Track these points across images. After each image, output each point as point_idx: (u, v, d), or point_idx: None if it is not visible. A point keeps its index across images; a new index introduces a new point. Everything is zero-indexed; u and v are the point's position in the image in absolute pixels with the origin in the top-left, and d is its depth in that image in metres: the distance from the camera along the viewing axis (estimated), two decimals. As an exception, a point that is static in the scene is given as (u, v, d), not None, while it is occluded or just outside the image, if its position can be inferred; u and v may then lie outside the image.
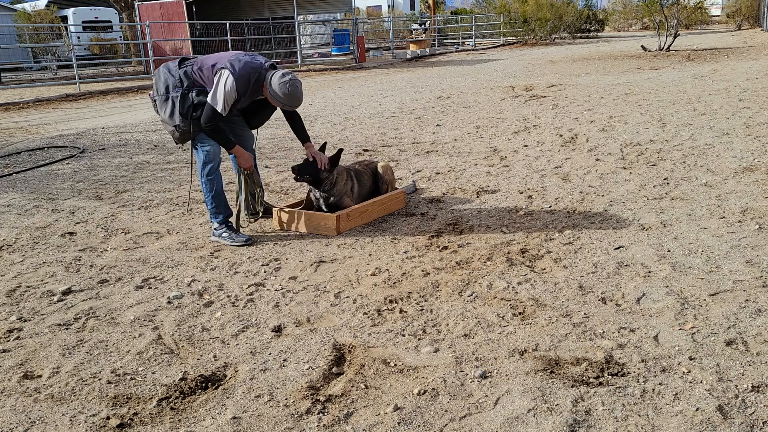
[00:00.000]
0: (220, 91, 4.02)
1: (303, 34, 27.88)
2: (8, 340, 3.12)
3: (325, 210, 4.63)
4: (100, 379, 2.72)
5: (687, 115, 8.06)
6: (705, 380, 2.49)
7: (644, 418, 2.29)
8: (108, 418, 2.45)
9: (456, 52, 26.95)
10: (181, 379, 2.69)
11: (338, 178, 4.64)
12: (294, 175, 4.58)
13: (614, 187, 5.23)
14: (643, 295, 3.26)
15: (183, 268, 4.00)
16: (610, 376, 2.55)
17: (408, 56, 24.40)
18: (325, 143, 4.67)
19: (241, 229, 4.56)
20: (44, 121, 11.36)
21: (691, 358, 2.64)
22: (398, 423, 2.34)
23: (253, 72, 4.09)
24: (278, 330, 3.10)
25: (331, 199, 4.61)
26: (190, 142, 4.31)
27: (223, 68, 4.04)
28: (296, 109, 4.43)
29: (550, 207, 4.83)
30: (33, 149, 8.46)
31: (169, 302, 3.49)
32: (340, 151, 4.65)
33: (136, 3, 20.64)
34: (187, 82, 4.14)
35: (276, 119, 10.28)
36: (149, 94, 4.34)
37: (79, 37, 24.08)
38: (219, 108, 4.04)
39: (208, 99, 4.06)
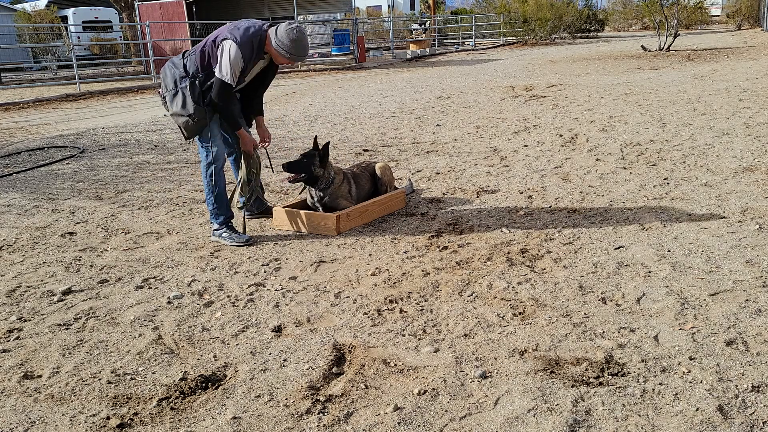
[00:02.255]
0: (226, 62, 4.00)
1: (303, 34, 27.83)
2: (8, 340, 3.12)
3: (321, 211, 4.63)
4: (100, 379, 2.72)
5: (687, 115, 8.06)
6: (705, 380, 2.49)
7: (644, 418, 2.29)
8: (108, 418, 2.45)
9: (456, 52, 26.95)
10: (181, 379, 2.69)
11: (335, 178, 4.64)
12: (288, 177, 4.56)
13: (614, 187, 5.23)
14: (643, 295, 3.26)
15: (183, 268, 4.00)
16: (610, 376, 2.55)
17: (408, 56, 24.40)
18: (328, 142, 4.64)
19: (240, 228, 4.56)
20: (44, 121, 11.36)
21: (691, 358, 2.64)
22: (398, 423, 2.34)
23: (255, 35, 4.08)
24: (278, 330, 3.10)
25: (326, 199, 4.60)
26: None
27: (225, 39, 4.04)
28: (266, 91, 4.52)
29: (550, 207, 4.83)
30: (33, 149, 8.46)
31: (169, 302, 3.49)
32: (327, 144, 4.60)
33: (136, 3, 20.63)
34: (192, 70, 4.14)
35: (276, 119, 10.29)
36: (158, 92, 4.34)
37: (79, 37, 24.09)
38: (227, 79, 4.03)
39: (215, 73, 4.05)
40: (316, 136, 4.68)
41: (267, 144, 4.60)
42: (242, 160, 4.49)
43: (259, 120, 4.58)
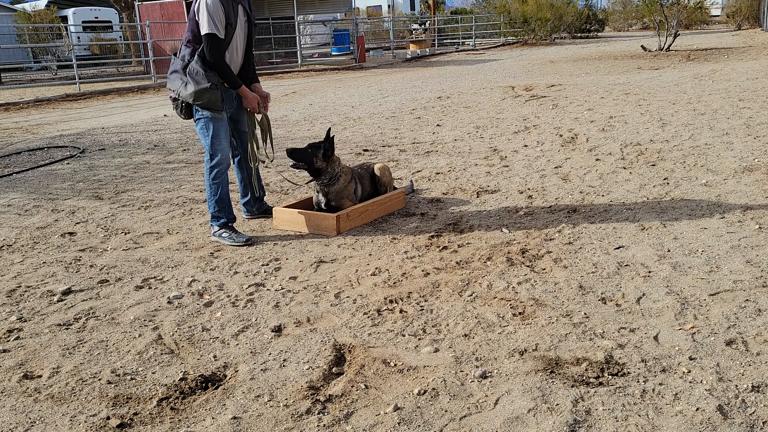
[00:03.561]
0: (205, 17, 4.02)
1: (303, 34, 27.88)
2: (8, 340, 3.12)
3: (324, 209, 4.64)
4: (100, 379, 2.72)
5: (687, 115, 8.06)
6: (705, 380, 2.49)
7: (644, 418, 2.29)
8: (108, 418, 2.45)
9: (456, 52, 26.95)
10: (181, 379, 2.69)
11: (342, 176, 4.63)
12: (290, 162, 4.57)
13: (614, 187, 5.23)
14: (643, 295, 3.26)
15: (183, 268, 4.00)
16: (610, 376, 2.55)
17: (408, 56, 24.40)
18: (333, 136, 4.62)
19: (241, 229, 4.57)
20: (44, 121, 11.36)
21: (691, 358, 2.64)
22: (398, 423, 2.34)
23: None
24: (278, 330, 3.10)
25: (331, 196, 4.61)
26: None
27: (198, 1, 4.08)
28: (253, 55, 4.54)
29: (550, 207, 4.83)
30: (33, 149, 8.46)
31: (169, 302, 3.49)
32: (332, 138, 4.56)
33: (136, 3, 20.63)
34: (187, 56, 4.16)
35: (276, 119, 10.27)
36: (169, 96, 4.33)
37: (79, 37, 24.08)
38: (213, 30, 4.03)
39: (202, 32, 4.06)
40: (329, 128, 4.68)
41: (266, 106, 4.59)
42: (249, 122, 4.49)
43: (255, 87, 4.56)
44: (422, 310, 3.24)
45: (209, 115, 4.20)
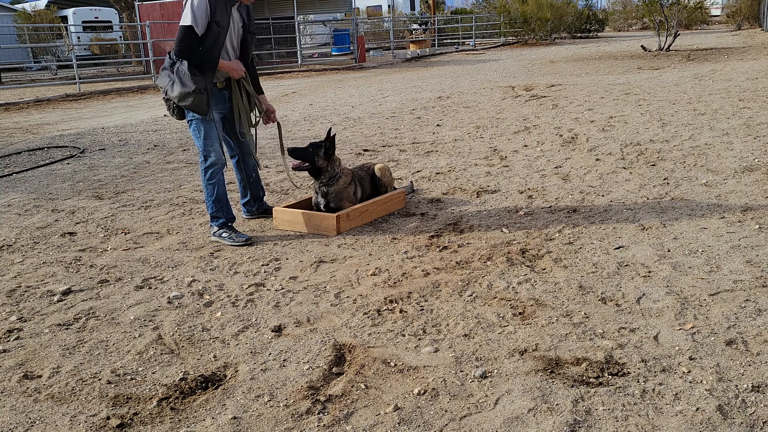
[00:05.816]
0: (188, 11, 3.99)
1: (303, 34, 27.87)
2: (8, 340, 3.12)
3: (323, 210, 4.63)
4: (100, 379, 2.72)
5: (687, 115, 8.06)
6: (705, 380, 2.49)
7: (644, 418, 2.29)
8: (108, 418, 2.45)
9: (456, 52, 26.95)
10: (181, 379, 2.69)
11: (343, 178, 4.63)
12: (293, 163, 4.58)
13: (614, 187, 5.23)
14: (643, 295, 3.26)
15: (183, 268, 4.00)
16: (610, 376, 2.55)
17: (408, 56, 24.40)
18: (334, 135, 4.62)
19: (241, 229, 4.57)
20: (44, 121, 11.36)
21: (691, 358, 2.64)
22: (398, 423, 2.34)
23: None
24: (278, 330, 3.10)
25: (330, 197, 4.60)
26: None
27: None
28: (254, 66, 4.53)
29: (550, 207, 4.83)
30: (33, 149, 8.46)
31: (169, 302, 3.49)
32: (334, 137, 4.57)
33: (136, 3, 20.63)
34: (175, 57, 4.14)
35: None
36: (163, 98, 4.33)
37: (79, 37, 24.09)
38: (189, 22, 3.98)
39: (179, 24, 4.03)
40: (330, 128, 4.69)
41: (273, 118, 4.61)
42: (236, 96, 4.41)
43: (261, 98, 4.55)
44: (422, 310, 3.24)
45: (199, 117, 4.19)
